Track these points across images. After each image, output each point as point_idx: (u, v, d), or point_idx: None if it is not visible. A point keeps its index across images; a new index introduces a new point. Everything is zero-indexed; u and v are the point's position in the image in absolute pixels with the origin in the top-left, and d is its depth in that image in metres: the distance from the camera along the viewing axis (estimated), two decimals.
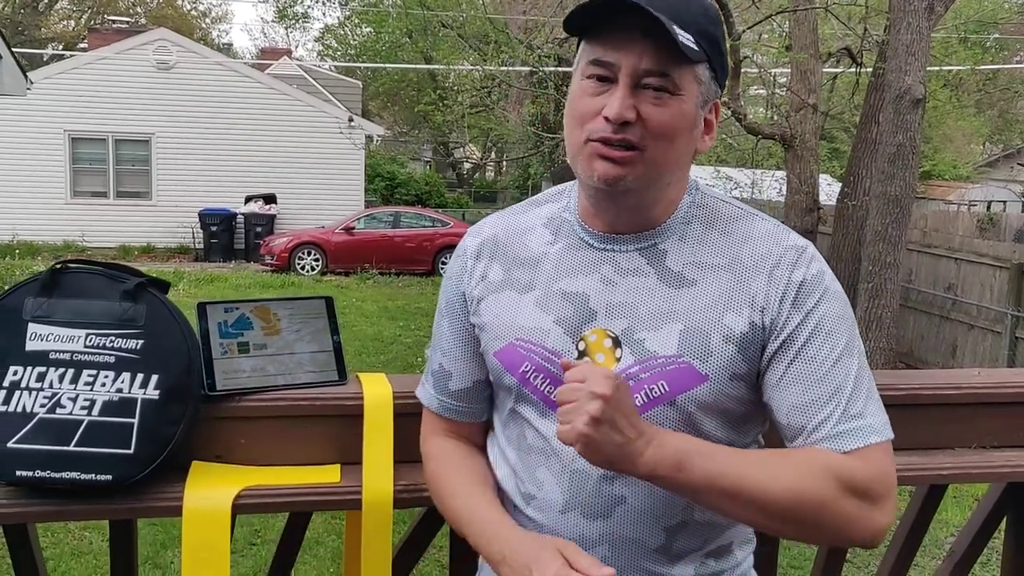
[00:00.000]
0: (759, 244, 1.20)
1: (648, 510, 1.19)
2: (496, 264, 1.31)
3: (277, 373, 1.59)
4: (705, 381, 1.16)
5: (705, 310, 1.17)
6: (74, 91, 18.89)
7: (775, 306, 1.16)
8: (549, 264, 1.27)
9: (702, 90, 1.16)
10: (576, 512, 1.21)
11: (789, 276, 1.17)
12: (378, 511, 1.52)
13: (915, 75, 8.33)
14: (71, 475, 1.41)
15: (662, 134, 1.13)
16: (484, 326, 1.30)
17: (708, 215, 1.24)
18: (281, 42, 43.29)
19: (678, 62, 1.11)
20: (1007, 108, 29.67)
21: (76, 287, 1.50)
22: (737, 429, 1.22)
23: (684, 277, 1.20)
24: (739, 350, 1.16)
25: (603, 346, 1.20)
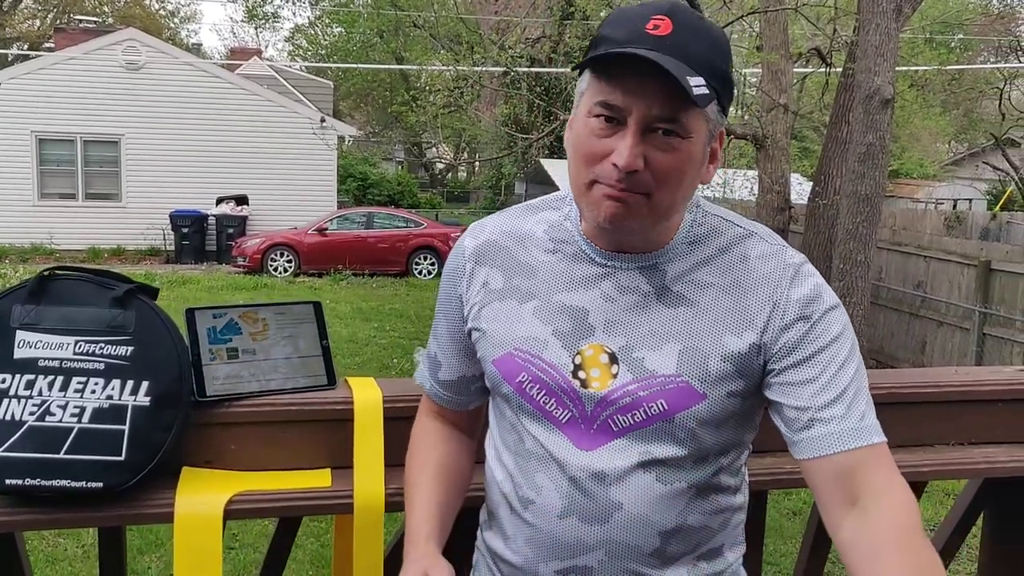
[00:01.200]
0: (757, 265, 1.22)
1: (644, 516, 1.21)
2: (497, 271, 1.31)
3: (266, 378, 1.59)
4: (704, 400, 1.18)
5: (704, 330, 1.19)
6: (41, 92, 18.64)
7: (777, 323, 1.18)
8: (548, 274, 1.27)
9: (710, 127, 1.16)
10: (574, 517, 1.22)
11: (788, 295, 1.19)
12: (369, 515, 1.52)
13: (884, 76, 8.43)
14: (62, 483, 1.40)
15: (671, 180, 1.14)
16: (484, 333, 1.30)
17: (707, 234, 1.25)
18: (251, 42, 43.02)
19: (688, 107, 1.11)
20: (972, 108, 30.08)
21: (64, 294, 1.49)
22: (734, 435, 1.25)
23: (683, 297, 1.21)
24: (737, 370, 1.19)
25: (599, 361, 1.21)
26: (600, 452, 1.21)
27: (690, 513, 1.22)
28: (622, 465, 1.20)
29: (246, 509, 1.50)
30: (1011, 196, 23.86)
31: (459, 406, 1.44)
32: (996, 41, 28.30)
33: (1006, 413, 1.82)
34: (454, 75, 14.35)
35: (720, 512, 1.27)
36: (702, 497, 1.24)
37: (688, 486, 1.22)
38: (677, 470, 1.21)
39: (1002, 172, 27.16)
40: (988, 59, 29.73)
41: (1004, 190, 24.47)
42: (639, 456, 1.20)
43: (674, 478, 1.21)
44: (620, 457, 1.20)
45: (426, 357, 1.46)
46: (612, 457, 1.20)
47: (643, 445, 1.20)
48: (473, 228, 1.38)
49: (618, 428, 1.20)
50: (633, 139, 1.10)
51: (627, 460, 1.20)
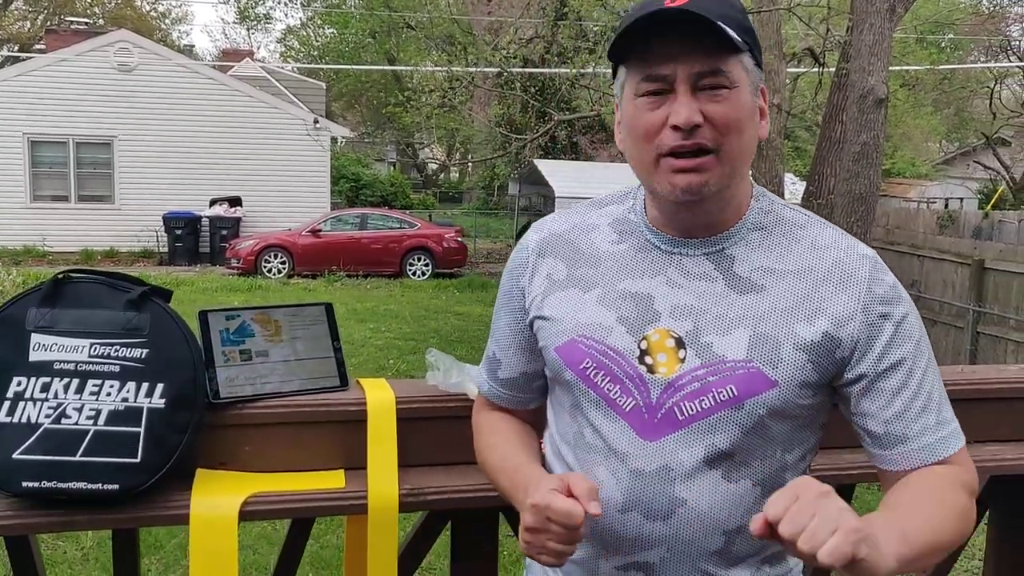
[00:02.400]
0: (829, 253, 1.21)
1: (709, 513, 1.19)
2: (560, 262, 1.31)
3: (279, 380, 1.60)
4: (775, 387, 1.16)
5: (775, 316, 1.18)
6: (33, 93, 18.56)
7: (860, 317, 1.17)
8: (612, 263, 1.27)
9: (751, 78, 1.17)
10: (636, 512, 1.20)
11: (869, 288, 1.18)
12: (384, 515, 1.53)
13: (878, 75, 8.47)
14: (78, 485, 1.41)
15: (732, 129, 1.14)
16: (547, 320, 1.29)
17: (775, 221, 1.24)
18: (243, 43, 42.91)
19: (727, 56, 1.13)
20: (962, 107, 30.20)
21: (79, 297, 1.49)
22: (801, 432, 1.23)
23: (752, 282, 1.20)
24: (810, 359, 1.17)
25: (665, 346, 1.20)
26: (663, 443, 1.18)
27: (756, 512, 1.18)
28: (687, 460, 1.18)
29: (261, 510, 1.51)
30: (1002, 195, 23.96)
31: (520, 404, 1.42)
32: (986, 41, 28.41)
33: (1012, 411, 1.83)
34: (447, 76, 14.36)
35: None
36: (767, 495, 1.17)
37: (754, 484, 1.20)
38: (743, 467, 1.19)
39: (993, 171, 27.28)
40: (978, 59, 29.84)
41: (995, 189, 24.57)
42: (704, 450, 1.17)
43: (740, 475, 1.19)
44: (685, 451, 1.18)
45: (485, 360, 1.45)
46: (677, 450, 1.18)
47: (708, 437, 1.17)
48: (537, 224, 1.40)
49: (684, 417, 1.18)
50: (685, 96, 1.12)
51: (692, 455, 1.18)
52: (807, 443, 1.26)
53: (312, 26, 38.47)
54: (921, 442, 1.17)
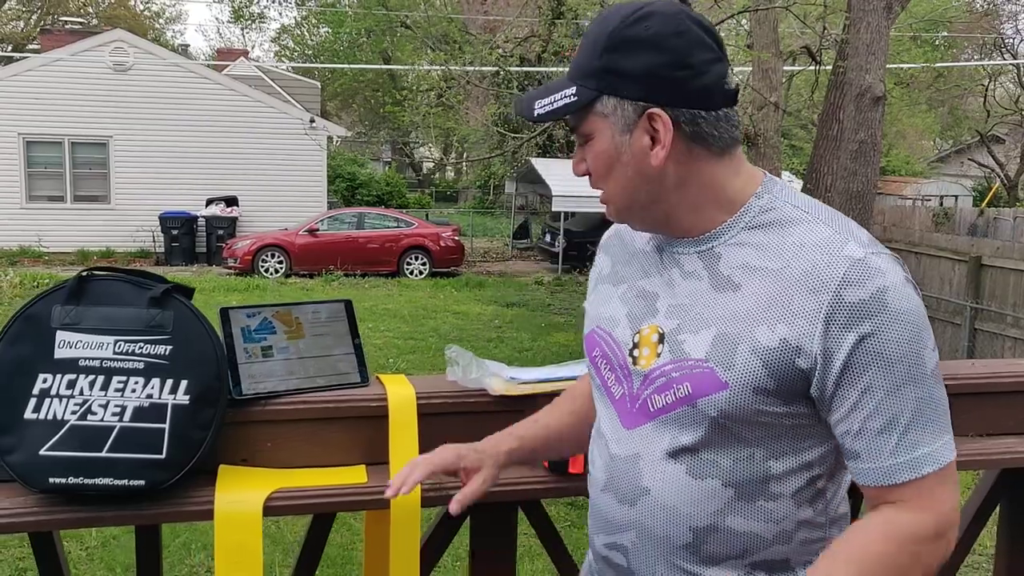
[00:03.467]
0: (811, 255, 1.15)
1: (672, 506, 1.21)
2: (609, 258, 1.41)
3: (301, 376, 1.61)
4: (725, 389, 1.15)
5: (740, 318, 1.17)
6: (28, 93, 18.51)
7: (821, 328, 1.11)
8: (640, 261, 1.34)
9: (614, 120, 1.19)
10: (611, 494, 1.28)
11: (838, 295, 1.11)
12: (406, 510, 1.54)
13: (875, 73, 8.50)
14: (104, 481, 1.42)
15: (599, 175, 1.24)
16: (585, 313, 1.41)
17: (773, 219, 1.21)
18: (237, 43, 42.84)
19: (579, 117, 1.22)
20: (957, 105, 30.29)
21: (103, 294, 1.50)
22: (787, 441, 1.19)
23: (731, 281, 1.20)
24: (764, 365, 1.14)
25: (650, 340, 1.25)
26: (637, 432, 1.25)
27: (729, 515, 1.20)
28: (654, 450, 1.22)
29: (284, 506, 1.52)
30: (997, 192, 24.04)
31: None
32: (980, 39, 28.48)
33: (1023, 405, 1.85)
34: (442, 75, 14.35)
35: (777, 523, 1.20)
36: (746, 501, 1.19)
37: (724, 485, 1.19)
38: (711, 466, 1.19)
39: (987, 168, 27.36)
40: (972, 57, 29.91)
41: (990, 186, 24.66)
42: (669, 443, 1.21)
43: (707, 473, 1.19)
44: (653, 442, 1.23)
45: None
46: (646, 440, 1.24)
47: (672, 431, 1.21)
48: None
49: (653, 409, 1.23)
50: (577, 152, 1.27)
51: (658, 446, 1.22)
52: (803, 455, 1.20)
53: (307, 25, 38.43)
54: (874, 463, 1.13)
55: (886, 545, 1.13)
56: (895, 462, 1.12)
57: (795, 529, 1.22)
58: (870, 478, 1.15)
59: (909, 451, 1.12)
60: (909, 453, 1.12)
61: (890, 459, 1.12)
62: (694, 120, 1.18)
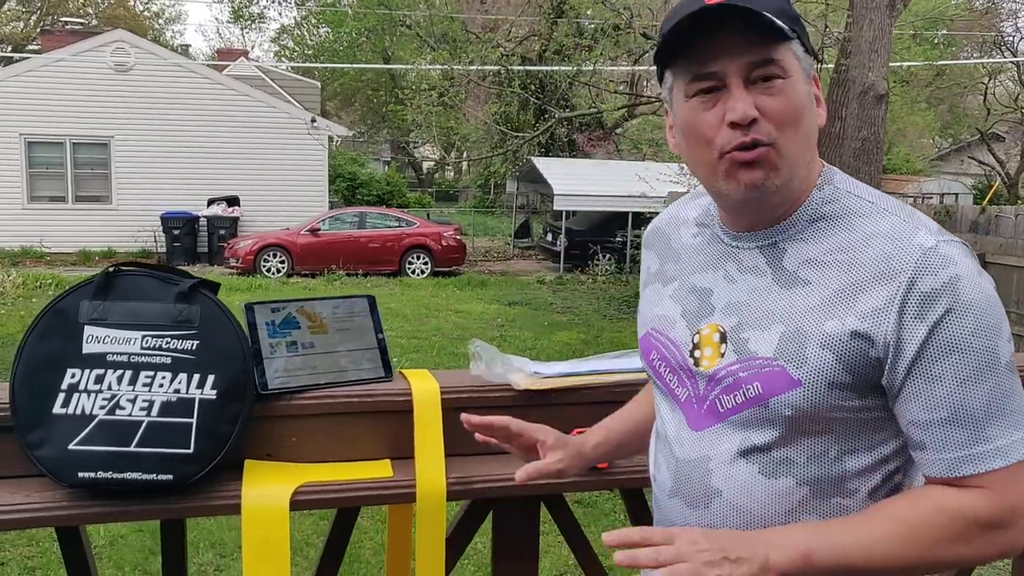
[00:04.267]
0: (880, 245, 1.12)
1: (744, 506, 1.17)
2: (655, 256, 1.37)
3: (326, 371, 1.62)
4: (798, 387, 1.12)
5: (809, 313, 1.13)
6: (29, 94, 18.50)
7: (893, 317, 1.08)
8: (689, 257, 1.30)
9: (803, 66, 1.14)
10: (679, 499, 1.23)
11: (911, 284, 1.08)
12: (432, 503, 1.55)
13: (878, 71, 8.52)
14: (133, 475, 1.42)
15: (788, 121, 1.11)
16: (639, 314, 1.38)
17: (835, 211, 1.18)
18: (237, 43, 42.86)
19: (777, 45, 1.11)
20: (956, 103, 30.31)
21: (130, 290, 1.51)
22: (865, 437, 1.16)
23: (798, 277, 1.16)
24: (838, 359, 1.11)
25: (712, 340, 1.21)
26: (706, 434, 1.21)
27: (805, 514, 1.16)
28: (725, 451, 1.18)
29: (310, 500, 1.53)
30: (997, 190, 24.05)
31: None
32: (980, 37, 28.50)
33: None
34: (443, 74, 14.36)
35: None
36: (821, 499, 1.16)
37: (799, 483, 1.16)
38: (785, 464, 1.16)
39: (988, 166, 27.40)
40: (971, 55, 29.92)
41: (990, 184, 24.67)
42: (740, 443, 1.17)
43: (781, 472, 1.16)
44: (724, 442, 1.19)
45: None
46: (716, 441, 1.19)
47: (744, 431, 1.17)
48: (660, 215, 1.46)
49: (723, 410, 1.19)
50: (738, 91, 1.10)
51: (730, 446, 1.18)
52: (879, 450, 1.16)
53: (307, 25, 38.43)
54: (940, 454, 1.09)
55: (937, 514, 1.08)
56: (962, 454, 1.08)
57: None
58: (935, 469, 1.10)
59: (978, 444, 1.08)
60: (978, 446, 1.08)
61: (957, 451, 1.08)
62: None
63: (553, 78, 19.56)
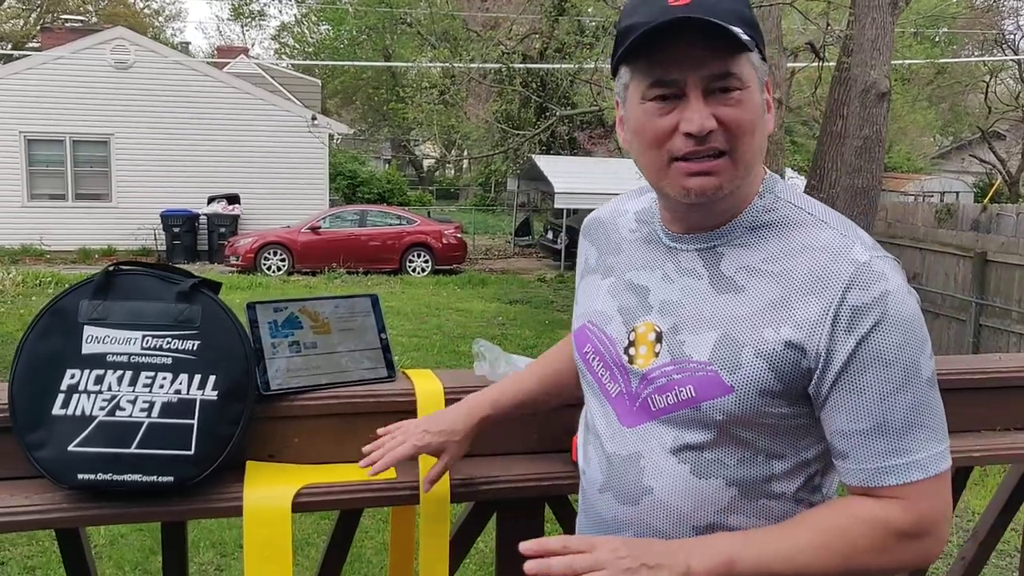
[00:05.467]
0: (816, 257, 1.14)
1: (674, 505, 1.18)
2: (594, 247, 1.37)
3: (328, 371, 1.60)
4: (731, 393, 1.13)
5: (744, 320, 1.15)
6: (29, 92, 18.49)
7: (826, 329, 1.10)
8: (627, 253, 1.30)
9: (759, 75, 1.15)
10: (610, 494, 1.24)
11: (842, 297, 1.10)
12: (436, 504, 1.53)
13: (880, 69, 8.48)
14: (134, 477, 1.41)
15: (745, 131, 1.12)
16: (575, 305, 1.37)
17: (774, 220, 1.19)
18: (237, 40, 42.80)
19: (737, 56, 1.11)
20: (957, 101, 30.27)
21: (130, 289, 1.49)
22: (788, 442, 1.18)
23: (734, 283, 1.18)
24: (770, 367, 1.12)
25: (647, 339, 1.21)
26: (638, 431, 1.21)
27: (733, 514, 1.18)
28: (657, 450, 1.19)
29: (313, 501, 1.51)
30: (998, 188, 24.03)
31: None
32: (981, 35, 28.47)
33: None
34: (444, 72, 14.34)
35: (776, 520, 1.18)
36: (748, 499, 1.18)
37: (728, 484, 1.17)
38: (716, 465, 1.17)
39: (989, 165, 27.37)
40: (972, 53, 29.90)
41: (991, 183, 24.65)
42: (672, 441, 1.18)
43: (712, 473, 1.17)
44: (655, 441, 1.19)
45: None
46: (648, 439, 1.20)
47: (676, 431, 1.18)
48: (601, 206, 1.45)
49: (655, 409, 1.19)
50: (697, 102, 1.10)
51: (661, 445, 1.19)
52: (803, 453, 1.19)
53: (307, 23, 38.40)
54: (861, 464, 1.11)
55: (857, 524, 1.11)
56: (882, 465, 1.11)
57: None
58: (856, 479, 1.13)
59: (898, 456, 1.10)
60: (897, 458, 1.10)
61: (878, 461, 1.11)
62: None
63: (554, 76, 19.55)
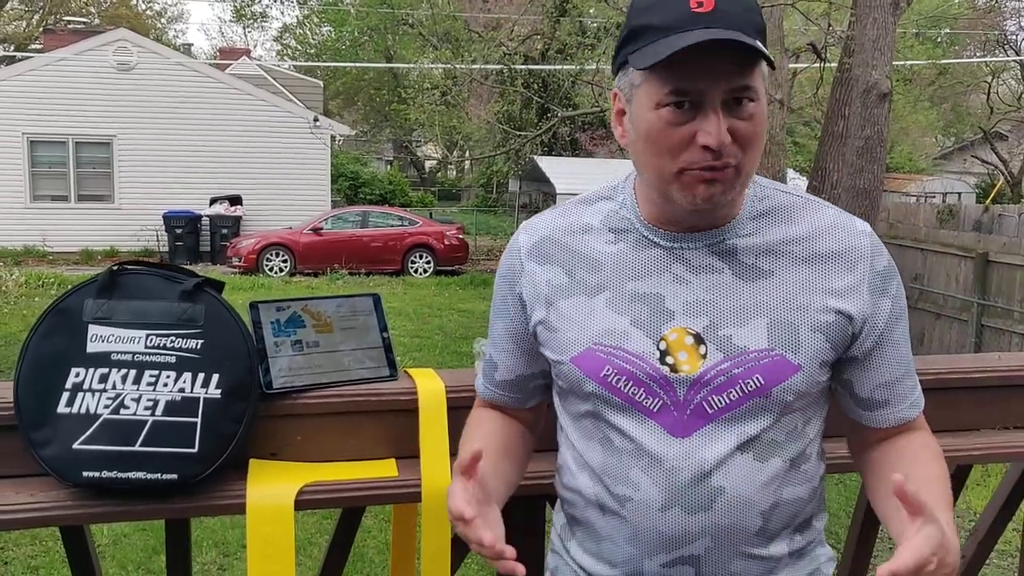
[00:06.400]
0: (835, 235, 1.23)
1: (747, 496, 1.20)
2: (558, 267, 1.29)
3: (330, 370, 1.61)
4: (799, 371, 1.19)
5: (788, 301, 1.20)
6: (32, 93, 18.53)
7: (863, 295, 1.22)
8: (614, 265, 1.25)
9: (765, 84, 1.16)
10: (677, 508, 1.20)
11: (870, 265, 1.23)
12: (437, 502, 1.54)
13: (882, 69, 8.48)
14: (138, 475, 1.42)
15: (754, 144, 1.14)
16: (556, 332, 1.27)
17: (772, 207, 1.25)
18: (239, 42, 42.87)
19: (754, 70, 1.11)
20: (959, 102, 30.27)
21: (134, 288, 1.50)
22: (817, 405, 1.28)
23: (760, 269, 1.21)
24: (827, 339, 1.20)
25: (684, 344, 1.19)
26: (695, 438, 1.19)
27: (785, 487, 1.23)
28: (721, 449, 1.19)
29: (315, 500, 1.52)
30: (1000, 189, 24.01)
31: (519, 403, 1.43)
32: (983, 36, 28.46)
33: None
34: (446, 73, 14.35)
35: (807, 482, 1.27)
36: (795, 470, 1.24)
37: (783, 461, 1.22)
38: (773, 446, 1.21)
39: (991, 165, 27.35)
40: (974, 54, 29.89)
41: (993, 183, 24.64)
42: (736, 438, 1.19)
43: (771, 454, 1.21)
44: (717, 442, 1.19)
45: (482, 362, 1.44)
46: (710, 442, 1.19)
47: (739, 426, 1.19)
48: (526, 226, 1.37)
49: (713, 410, 1.18)
50: (715, 115, 1.10)
51: (725, 444, 1.19)
52: (821, 412, 1.30)
53: (309, 24, 38.45)
54: (900, 406, 1.28)
55: (940, 463, 1.26)
56: (912, 399, 1.30)
57: (818, 483, 1.30)
58: (892, 419, 1.29)
59: (915, 388, 1.31)
60: (916, 390, 1.31)
61: (910, 398, 1.29)
62: None
63: (556, 77, 19.57)
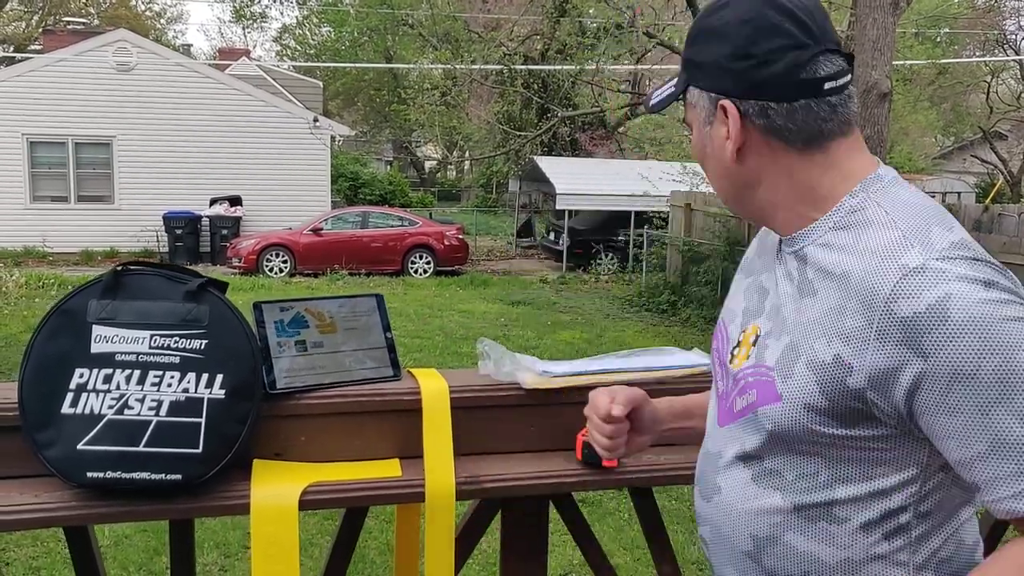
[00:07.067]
0: (868, 262, 1.05)
1: (735, 507, 1.20)
2: (756, 246, 1.37)
3: (334, 370, 1.61)
4: (778, 401, 1.11)
5: (809, 329, 1.10)
6: (31, 94, 18.51)
7: (871, 344, 1.02)
8: (768, 254, 1.28)
9: (698, 112, 1.19)
10: (698, 488, 1.31)
11: (887, 309, 1.01)
12: (441, 502, 1.54)
13: (882, 69, 8.49)
14: (142, 475, 1.42)
15: (705, 168, 1.24)
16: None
17: (857, 220, 1.11)
18: (239, 42, 42.87)
19: (687, 107, 1.22)
20: (959, 102, 30.27)
21: (138, 289, 1.50)
22: (860, 468, 1.10)
23: (812, 286, 1.13)
24: (816, 381, 1.07)
25: (749, 341, 1.22)
26: (724, 431, 1.25)
27: (788, 531, 1.15)
28: (729, 451, 1.22)
29: (320, 500, 1.52)
30: (1000, 189, 24.02)
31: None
32: (982, 35, 28.47)
33: None
34: (445, 73, 14.36)
35: (841, 549, 1.12)
36: (807, 519, 1.14)
37: (784, 498, 1.15)
38: (774, 476, 1.16)
39: (990, 165, 27.36)
40: (973, 53, 29.90)
41: (993, 183, 24.64)
42: (740, 446, 1.20)
43: (770, 484, 1.16)
44: (734, 442, 1.22)
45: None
46: (730, 440, 1.23)
47: (742, 435, 1.20)
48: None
49: (736, 411, 1.21)
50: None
51: (732, 448, 1.22)
52: (874, 483, 1.10)
53: (308, 25, 38.46)
54: (994, 494, 0.99)
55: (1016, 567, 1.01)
56: (1017, 490, 0.97)
57: (865, 561, 1.11)
58: (1001, 511, 1.00)
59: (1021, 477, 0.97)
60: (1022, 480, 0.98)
61: (1011, 487, 0.98)
62: (764, 112, 1.11)
63: (556, 77, 19.57)
